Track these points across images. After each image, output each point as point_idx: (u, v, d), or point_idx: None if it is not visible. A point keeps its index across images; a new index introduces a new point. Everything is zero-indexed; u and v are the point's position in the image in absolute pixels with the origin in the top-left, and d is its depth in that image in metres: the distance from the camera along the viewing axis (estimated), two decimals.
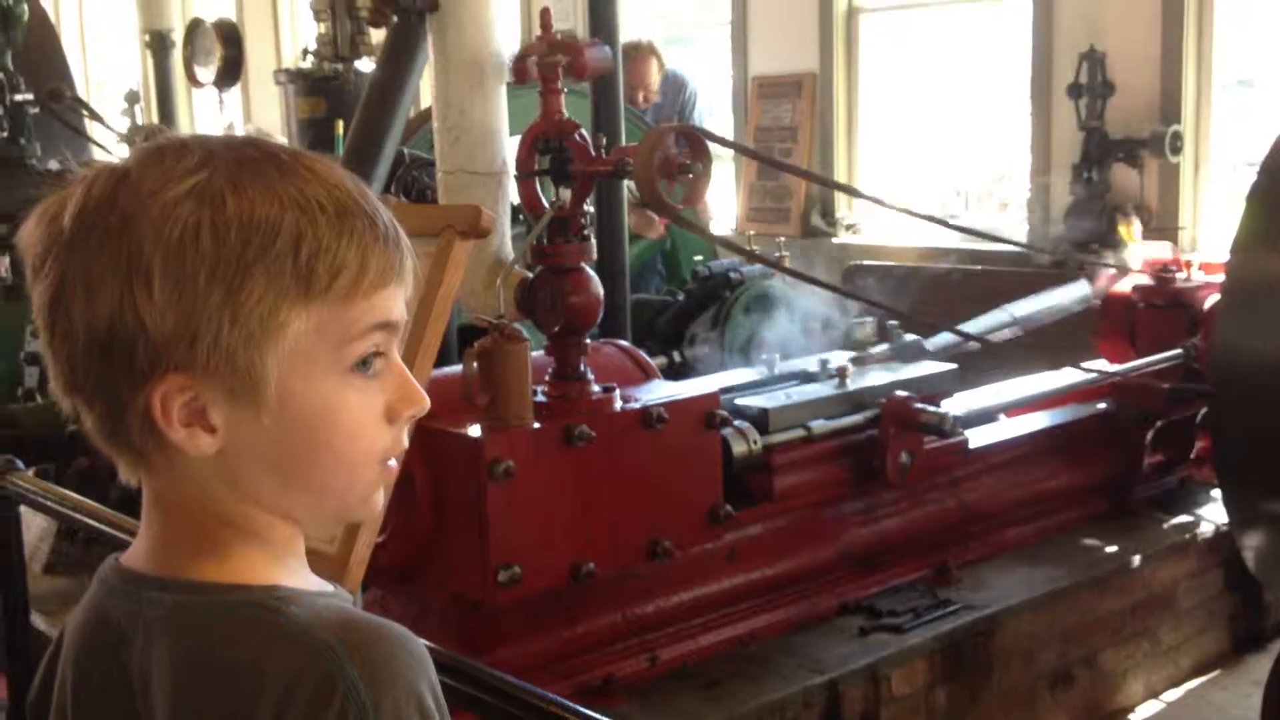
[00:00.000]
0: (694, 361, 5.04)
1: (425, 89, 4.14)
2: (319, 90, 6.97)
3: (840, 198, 8.09)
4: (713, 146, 3.06)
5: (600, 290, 3.08)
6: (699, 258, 5.91)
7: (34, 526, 3.92)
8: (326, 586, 1.03)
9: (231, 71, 6.78)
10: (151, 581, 1.00)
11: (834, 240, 7.90)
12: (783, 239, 4.82)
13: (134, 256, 0.91)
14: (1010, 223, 7.53)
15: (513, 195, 3.35)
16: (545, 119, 3.06)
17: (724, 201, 8.50)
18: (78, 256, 0.93)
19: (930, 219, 3.98)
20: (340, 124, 6.28)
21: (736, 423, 3.39)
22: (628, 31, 5.85)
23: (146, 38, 7.28)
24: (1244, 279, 3.88)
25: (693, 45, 10.08)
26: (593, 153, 3.02)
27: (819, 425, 3.60)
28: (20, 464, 2.95)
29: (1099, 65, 6.74)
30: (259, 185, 0.93)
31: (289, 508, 1.01)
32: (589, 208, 3.14)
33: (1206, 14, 6.59)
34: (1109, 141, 6.72)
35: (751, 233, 5.23)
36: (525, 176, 3.12)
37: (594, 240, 3.10)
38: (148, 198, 0.92)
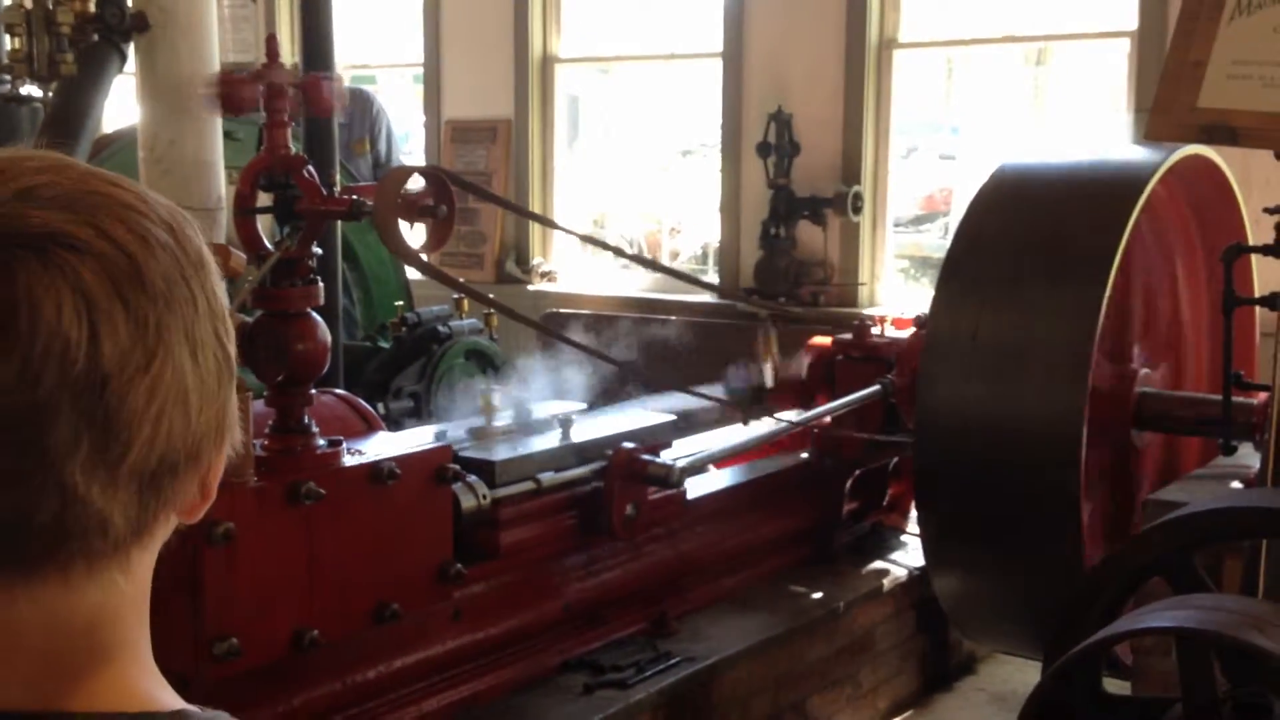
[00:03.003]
0: (399, 414, 4.87)
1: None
2: None
3: (535, 244, 8.09)
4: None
5: (328, 337, 2.91)
6: (399, 303, 5.74)
7: None
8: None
9: None
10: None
11: (529, 288, 7.87)
12: (492, 295, 4.72)
13: (213, 300, 0.83)
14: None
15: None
16: (270, 153, 2.86)
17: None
18: (177, 308, 0.79)
19: (653, 265, 3.98)
20: None
21: (468, 477, 3.26)
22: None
23: None
24: (941, 338, 4.08)
25: (377, 85, 9.91)
26: (324, 191, 2.84)
27: (548, 478, 3.52)
28: None
29: (786, 126, 7.02)
30: None
31: None
32: (315, 248, 2.95)
33: (885, 82, 6.98)
34: (795, 199, 7.01)
35: (463, 280, 5.09)
36: (245, 214, 2.90)
37: (322, 285, 2.92)
38: (194, 237, 0.84)
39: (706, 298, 7.25)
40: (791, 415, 4.47)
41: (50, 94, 3.43)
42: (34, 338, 0.73)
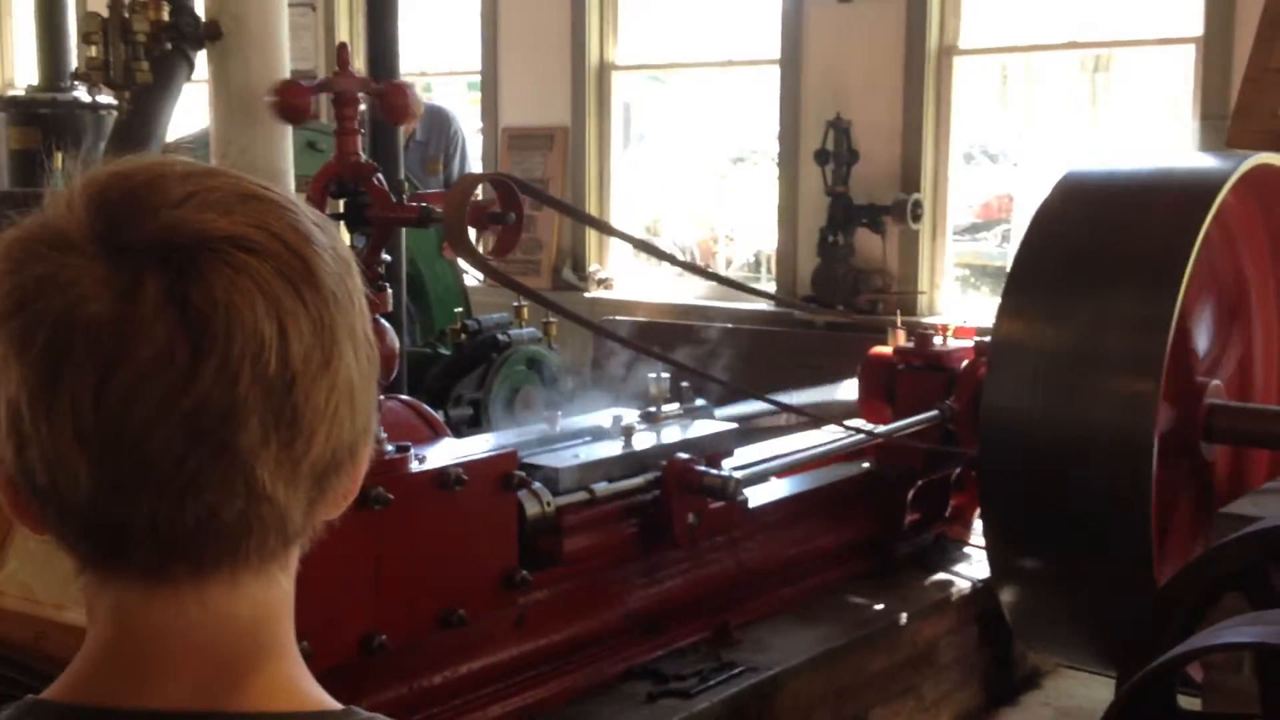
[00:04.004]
0: (458, 421, 4.88)
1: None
2: (34, 119, 6.51)
3: (591, 251, 8.10)
4: None
5: (396, 343, 2.92)
6: (459, 310, 5.77)
7: None
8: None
9: None
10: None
11: (585, 295, 7.88)
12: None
13: (362, 300, 0.84)
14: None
15: None
16: (340, 160, 2.88)
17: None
18: (343, 307, 0.80)
19: (711, 275, 3.97)
20: (60, 156, 5.84)
21: (533, 484, 3.26)
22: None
23: None
24: (1008, 347, 4.04)
25: (432, 93, 9.97)
26: (393, 198, 2.86)
27: (608, 486, 3.51)
28: None
29: (845, 133, 6.98)
30: None
31: None
32: (384, 255, 2.96)
33: (945, 89, 6.93)
34: (853, 207, 6.97)
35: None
36: None
37: (390, 290, 2.93)
38: (340, 237, 0.85)
39: (762, 305, 7.23)
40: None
41: (125, 102, 3.47)
42: (231, 338, 0.73)
